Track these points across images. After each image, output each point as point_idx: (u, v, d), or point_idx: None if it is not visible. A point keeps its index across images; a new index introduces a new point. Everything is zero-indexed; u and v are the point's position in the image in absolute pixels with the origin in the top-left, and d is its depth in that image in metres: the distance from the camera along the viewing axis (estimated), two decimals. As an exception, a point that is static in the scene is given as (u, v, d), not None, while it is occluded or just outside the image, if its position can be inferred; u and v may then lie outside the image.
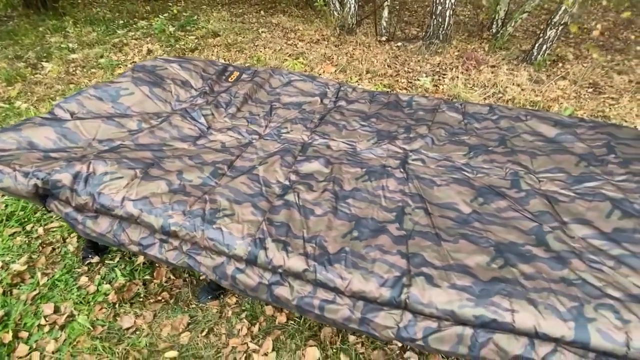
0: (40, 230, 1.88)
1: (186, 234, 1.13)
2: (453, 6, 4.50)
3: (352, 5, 5.17)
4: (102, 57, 4.38)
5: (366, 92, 2.06)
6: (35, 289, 1.59)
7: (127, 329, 1.46)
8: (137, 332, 1.45)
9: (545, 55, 4.34)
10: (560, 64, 4.50)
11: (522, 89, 3.78)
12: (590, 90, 3.88)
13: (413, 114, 1.90)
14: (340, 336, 1.43)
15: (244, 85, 1.99)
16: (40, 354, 1.37)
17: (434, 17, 4.63)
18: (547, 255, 1.07)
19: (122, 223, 1.24)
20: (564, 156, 1.53)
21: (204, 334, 1.44)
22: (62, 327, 1.46)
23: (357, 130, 1.73)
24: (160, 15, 6.00)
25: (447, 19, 4.57)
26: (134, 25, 5.55)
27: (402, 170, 1.46)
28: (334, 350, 1.39)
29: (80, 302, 1.54)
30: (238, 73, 2.15)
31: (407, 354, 1.38)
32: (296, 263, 1.05)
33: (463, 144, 1.65)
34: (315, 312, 1.05)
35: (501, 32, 5.01)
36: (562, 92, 3.76)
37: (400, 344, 1.41)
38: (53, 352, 1.38)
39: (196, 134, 1.64)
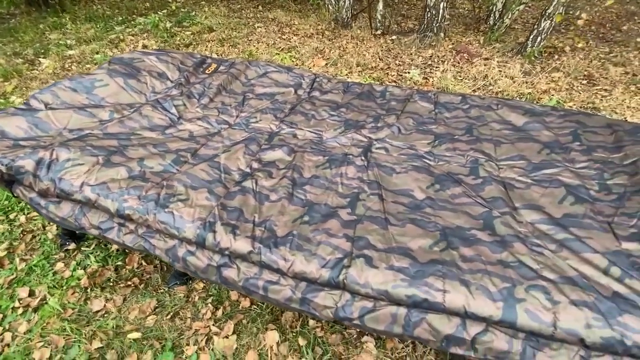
0: (22, 219, 1.95)
1: (139, 217, 1.17)
2: (447, -1, 4.45)
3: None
4: (97, 53, 4.46)
5: (340, 82, 2.07)
6: (13, 274, 1.66)
7: (97, 312, 1.51)
8: (106, 315, 1.50)
9: (540, 46, 4.27)
10: (557, 56, 4.42)
11: (514, 81, 3.74)
12: (585, 82, 3.82)
13: (385, 104, 1.90)
14: (300, 321, 1.46)
15: (219, 77, 2.02)
16: (12, 334, 1.43)
17: (427, 9, 4.59)
18: (490, 239, 1.08)
19: (83, 208, 1.28)
20: (528, 144, 1.52)
21: (169, 317, 1.49)
22: (35, 310, 1.52)
23: (325, 119, 1.75)
24: (158, 12, 6.06)
25: (440, 11, 4.52)
26: (132, 22, 5.61)
27: (363, 158, 1.48)
28: (294, 334, 1.42)
29: (54, 287, 1.60)
30: (216, 65, 2.17)
31: (365, 338, 1.41)
32: (242, 245, 1.08)
33: (430, 132, 1.65)
34: (260, 293, 1.08)
35: (498, 24, 4.95)
36: (554, 84, 3.71)
37: (355, 331, 1.43)
38: (24, 333, 1.43)
39: (166, 124, 1.68)
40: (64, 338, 1.41)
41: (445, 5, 4.50)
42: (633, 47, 4.81)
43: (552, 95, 3.46)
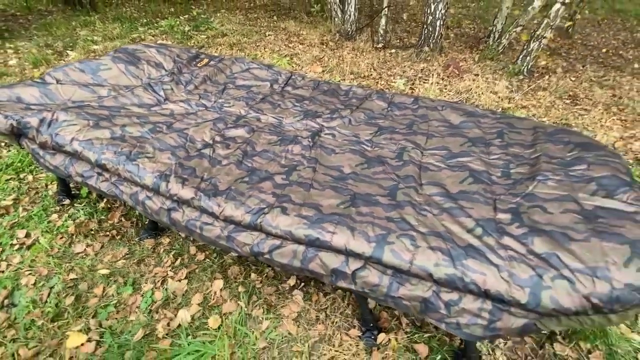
0: (30, 178, 2.28)
1: (112, 166, 1.46)
2: (443, 17, 4.71)
3: (352, 13, 5.49)
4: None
5: (312, 81, 2.35)
6: (15, 219, 1.97)
7: (78, 253, 1.80)
8: (85, 256, 1.78)
9: (529, 66, 4.45)
10: (547, 76, 4.59)
11: (498, 96, 3.93)
12: (568, 101, 3.97)
13: (346, 100, 2.16)
14: (243, 274, 1.70)
15: (207, 69, 2.33)
16: (7, 264, 1.73)
17: (425, 26, 4.86)
18: (387, 202, 1.30)
19: (72, 159, 1.58)
20: (456, 138, 1.74)
21: (136, 262, 1.75)
22: (28, 247, 1.82)
23: (289, 109, 2.02)
24: (180, 16, 6.58)
25: (437, 28, 4.78)
26: (155, 24, 6.11)
27: (310, 140, 1.73)
28: (236, 284, 1.66)
29: (47, 231, 1.90)
30: (207, 60, 2.49)
31: (295, 291, 1.63)
32: (187, 193, 1.34)
33: (375, 125, 1.89)
34: (197, 232, 1.34)
35: (496, 44, 5.17)
36: (536, 101, 3.88)
37: (292, 284, 1.65)
38: (17, 264, 1.73)
39: (153, 103, 1.98)
40: (47, 269, 1.69)
41: (441, 23, 4.76)
42: (628, 73, 4.93)
43: (530, 110, 3.63)
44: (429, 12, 4.71)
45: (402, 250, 1.09)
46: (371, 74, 4.43)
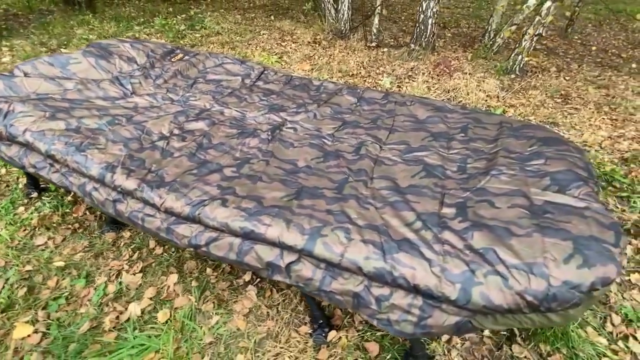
0: (3, 171, 2.29)
1: (61, 157, 1.45)
2: (435, 15, 4.66)
3: (345, 12, 5.47)
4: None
5: (285, 76, 2.32)
6: (-19, 212, 1.98)
7: (38, 245, 1.79)
8: (44, 249, 1.78)
9: (521, 65, 4.38)
10: (540, 75, 4.51)
11: (487, 95, 3.86)
12: (559, 100, 3.89)
13: (316, 95, 2.13)
14: (199, 269, 1.68)
15: (179, 64, 2.32)
16: (-34, 255, 1.73)
17: (417, 24, 4.82)
18: (332, 196, 1.27)
19: (26, 151, 1.58)
20: (418, 133, 1.70)
21: (94, 255, 1.74)
22: (-10, 239, 1.82)
23: (255, 103, 1.99)
24: (177, 16, 6.62)
25: (429, 27, 4.74)
26: (151, 23, 6.15)
27: (269, 133, 1.70)
28: (191, 278, 1.63)
29: (11, 223, 1.90)
30: (182, 55, 2.48)
31: (249, 287, 1.60)
32: (131, 184, 1.33)
33: (340, 120, 1.86)
34: (140, 223, 1.32)
35: (490, 43, 5.10)
36: (525, 100, 3.80)
37: (247, 279, 1.63)
38: (-24, 255, 1.73)
39: (118, 96, 1.98)
40: (5, 261, 1.69)
41: (433, 21, 4.71)
42: (625, 72, 4.82)
43: (517, 108, 3.56)
44: (420, 10, 4.67)
45: (334, 243, 1.06)
46: (360, 72, 4.39)
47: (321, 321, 1.40)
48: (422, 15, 4.69)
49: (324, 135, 1.73)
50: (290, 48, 5.15)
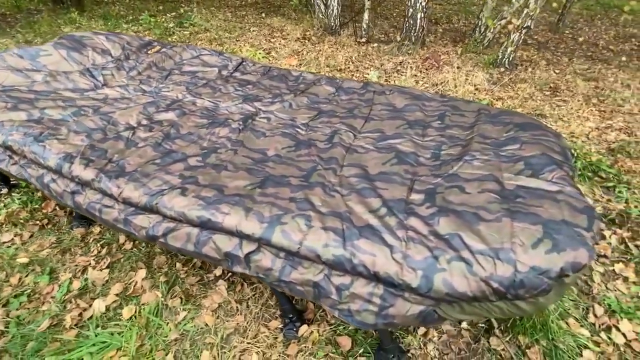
0: (-26, 168, 2.23)
1: (18, 148, 1.39)
2: (424, 9, 4.62)
3: (335, 8, 5.41)
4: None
5: (263, 66, 2.27)
6: (-52, 209, 1.91)
7: (4, 242, 1.73)
8: (10, 246, 1.71)
9: (511, 58, 4.34)
10: (530, 69, 4.47)
11: (476, 88, 3.82)
12: (548, 93, 3.85)
13: (294, 86, 2.08)
14: (168, 264, 1.62)
15: (155, 55, 2.26)
16: None
17: (406, 19, 4.78)
18: (297, 184, 1.22)
19: (-15, 142, 1.52)
20: (395, 121, 1.65)
21: (61, 251, 1.68)
22: (-46, 236, 1.76)
23: (230, 93, 1.94)
24: (167, 14, 6.55)
25: (418, 21, 4.69)
26: (139, 21, 6.08)
27: (240, 123, 1.65)
28: (160, 274, 1.58)
29: (-23, 220, 1.84)
30: (159, 47, 2.43)
31: (219, 281, 1.54)
32: (88, 174, 1.27)
33: (316, 109, 1.81)
34: (97, 215, 1.26)
35: (480, 37, 5.06)
36: (514, 92, 3.76)
37: (217, 274, 1.57)
38: (-62, 252, 1.67)
39: (89, 88, 1.92)
40: (-33, 258, 1.63)
41: (422, 16, 4.67)
42: (615, 65, 4.80)
43: (505, 101, 3.52)
44: (409, 4, 4.62)
45: (293, 231, 1.01)
46: (348, 67, 4.34)
47: (291, 315, 1.35)
48: (411, 10, 4.65)
49: (298, 125, 1.67)
50: (279, 44, 5.09)
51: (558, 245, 0.93)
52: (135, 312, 1.42)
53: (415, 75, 4.11)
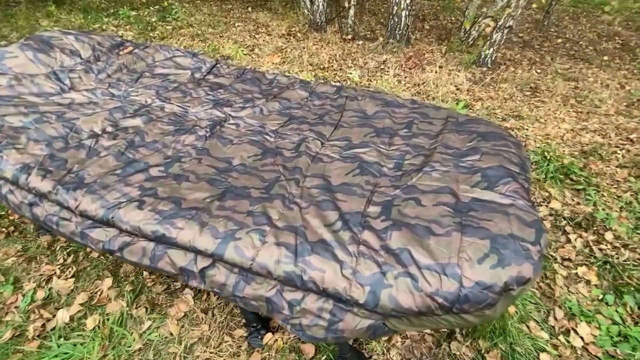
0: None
1: (-27, 158, 1.36)
2: (409, 7, 4.60)
3: (321, 4, 5.35)
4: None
5: (237, 69, 2.24)
6: None
7: (-33, 251, 1.71)
8: (-27, 254, 1.69)
9: (493, 57, 4.37)
10: (512, 68, 4.51)
11: (458, 89, 3.85)
12: (529, 93, 3.90)
13: (267, 89, 2.06)
14: (135, 272, 1.62)
15: (126, 57, 2.22)
16: None
17: (390, 17, 4.75)
18: (257, 196, 1.22)
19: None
20: (363, 129, 1.65)
21: (27, 259, 1.66)
22: None
23: (200, 97, 1.92)
24: (150, 7, 6.39)
25: (403, 19, 4.68)
26: (120, 14, 5.93)
27: (208, 130, 1.63)
28: (126, 282, 1.57)
29: (-61, 228, 1.80)
30: (132, 48, 2.38)
31: (186, 290, 1.55)
32: (45, 185, 1.25)
33: (287, 115, 1.80)
34: (54, 227, 1.25)
35: (465, 36, 5.08)
36: (494, 92, 3.80)
37: (180, 283, 1.58)
38: None
39: (54, 92, 1.87)
40: None
41: (407, 14, 4.65)
42: (597, 65, 4.86)
43: (484, 102, 3.55)
44: (394, 2, 4.60)
45: (246, 247, 1.01)
46: (332, 66, 4.32)
47: (255, 324, 1.36)
48: (395, 7, 4.63)
49: (267, 132, 1.67)
50: (263, 40, 5.03)
51: (503, 260, 0.96)
52: (100, 322, 1.41)
53: (398, 75, 4.12)
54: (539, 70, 4.54)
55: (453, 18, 6.73)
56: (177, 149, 1.51)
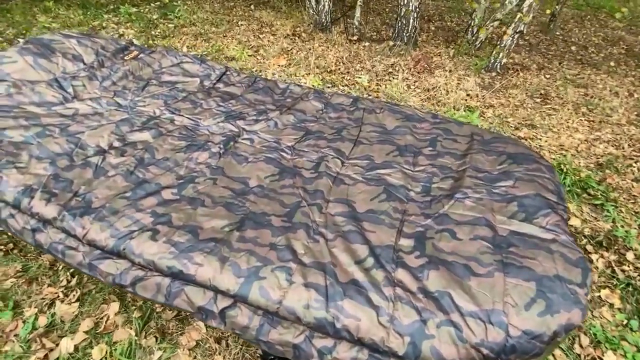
0: None
1: (-29, 178, 1.27)
2: (417, 9, 4.51)
3: (326, 4, 5.24)
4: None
5: (248, 77, 2.15)
6: None
7: (-36, 270, 1.61)
8: (-30, 274, 1.59)
9: (502, 62, 4.30)
10: (521, 73, 4.44)
11: (468, 94, 3.77)
12: (539, 100, 3.83)
13: (280, 100, 1.97)
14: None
15: (131, 63, 2.12)
16: None
17: (398, 19, 4.66)
18: (279, 225, 1.14)
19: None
20: (384, 146, 1.57)
21: (27, 281, 1.57)
22: None
23: (211, 109, 1.83)
24: (151, 4, 6.25)
25: (411, 21, 4.58)
26: (122, 11, 5.78)
27: (222, 146, 1.54)
28: (134, 308, 1.49)
29: None
30: (137, 52, 2.27)
31: (198, 316, 1.47)
32: (50, 211, 1.16)
33: (303, 129, 1.71)
34: (59, 256, 1.16)
35: (473, 39, 5.00)
36: (505, 99, 3.73)
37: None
38: None
39: (57, 101, 1.77)
40: None
41: (415, 16, 4.56)
42: (604, 71, 4.80)
43: (496, 109, 3.48)
44: (402, 3, 4.50)
45: (272, 288, 0.93)
46: (339, 68, 4.22)
47: (272, 357, 1.29)
48: (403, 9, 4.53)
49: (283, 148, 1.58)
50: (268, 41, 4.92)
51: (551, 306, 0.89)
52: (106, 352, 1.33)
53: (407, 79, 4.03)
54: (547, 76, 4.47)
55: (458, 19, 6.64)
56: (190, 167, 1.42)
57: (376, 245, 1.06)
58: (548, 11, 4.16)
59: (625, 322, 1.67)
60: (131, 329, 1.40)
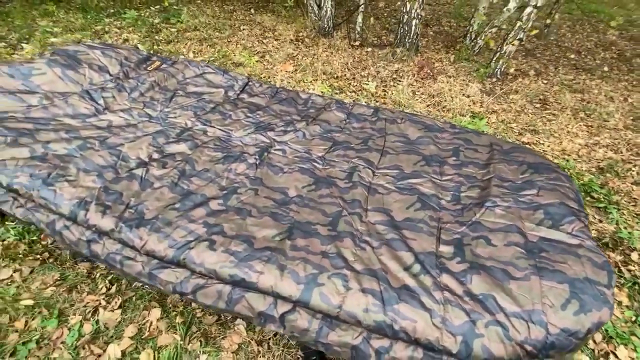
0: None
1: (25, 192, 1.31)
2: (419, 15, 4.62)
3: (329, 9, 5.33)
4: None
5: (270, 87, 2.22)
6: (-63, 241, 1.79)
7: (2, 280, 1.64)
8: (10, 284, 1.63)
9: (503, 68, 4.44)
10: (520, 79, 4.59)
11: (471, 100, 3.89)
12: (538, 105, 3.98)
13: (304, 110, 2.05)
14: (183, 302, 1.59)
15: (156, 74, 2.17)
16: None
17: (400, 25, 4.77)
18: (326, 233, 1.22)
19: (-15, 181, 1.42)
20: (410, 156, 1.66)
21: (67, 289, 1.62)
22: (-53, 273, 1.65)
23: (240, 120, 1.89)
24: (150, 7, 6.24)
25: (413, 27, 4.70)
26: (122, 15, 5.78)
27: (257, 157, 1.62)
28: (175, 313, 1.55)
29: (-29, 255, 1.73)
30: (159, 62, 2.32)
31: (238, 321, 1.53)
32: (107, 223, 1.22)
33: (330, 140, 1.79)
34: (117, 267, 1.22)
35: (472, 44, 5.14)
36: (507, 105, 3.86)
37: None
38: None
39: (90, 113, 1.82)
40: (-36, 300, 1.54)
41: (417, 22, 4.68)
42: (598, 76, 4.99)
43: (499, 115, 3.61)
44: (404, 10, 4.62)
45: (331, 293, 1.01)
46: (345, 75, 4.31)
47: (315, 357, 1.36)
48: (405, 16, 4.65)
49: (315, 158, 1.66)
50: (272, 46, 4.98)
51: (585, 306, 0.98)
52: (154, 357, 1.39)
53: (412, 85, 4.14)
54: (545, 81, 4.63)
55: (456, 24, 6.79)
56: (230, 178, 1.49)
57: (419, 252, 1.15)
58: (548, 20, 4.30)
59: (633, 318, 1.79)
60: (175, 333, 1.46)
